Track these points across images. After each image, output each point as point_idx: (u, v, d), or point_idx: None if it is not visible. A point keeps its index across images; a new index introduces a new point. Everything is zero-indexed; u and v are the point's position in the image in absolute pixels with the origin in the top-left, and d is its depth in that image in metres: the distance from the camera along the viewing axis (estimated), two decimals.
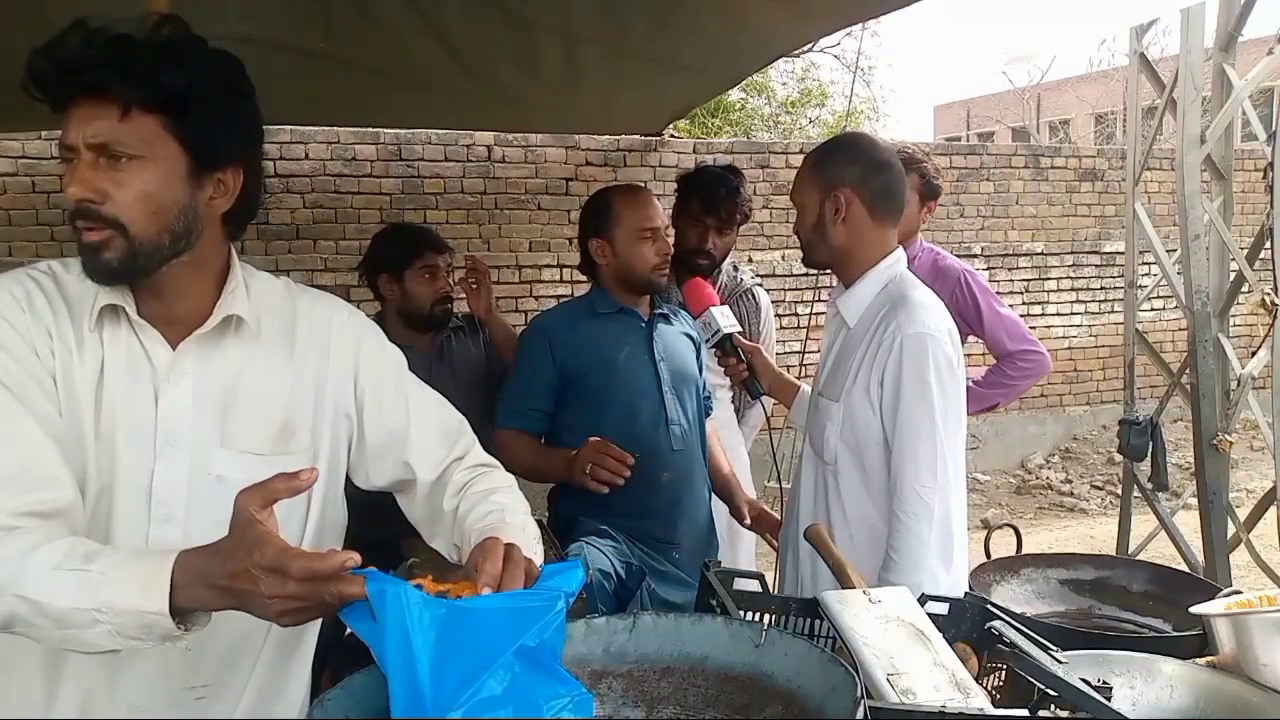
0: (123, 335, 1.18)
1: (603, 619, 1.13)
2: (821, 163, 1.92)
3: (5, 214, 4.87)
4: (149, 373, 1.18)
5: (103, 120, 1.10)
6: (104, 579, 1.00)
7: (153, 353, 1.19)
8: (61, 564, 1.01)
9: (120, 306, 1.17)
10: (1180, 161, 3.74)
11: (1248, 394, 3.73)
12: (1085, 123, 21.67)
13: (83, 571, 1.00)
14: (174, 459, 1.18)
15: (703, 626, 1.12)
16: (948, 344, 1.80)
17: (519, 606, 0.93)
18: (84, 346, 1.15)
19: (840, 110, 14.45)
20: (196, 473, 1.19)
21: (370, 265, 2.69)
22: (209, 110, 1.14)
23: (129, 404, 1.17)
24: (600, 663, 1.10)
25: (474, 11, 2.97)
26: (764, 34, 3.26)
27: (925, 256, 2.98)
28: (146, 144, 1.12)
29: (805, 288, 6.21)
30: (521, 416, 2.26)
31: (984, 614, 1.40)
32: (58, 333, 1.14)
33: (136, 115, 1.11)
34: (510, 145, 5.65)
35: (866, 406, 1.82)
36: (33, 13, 2.56)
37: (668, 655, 1.10)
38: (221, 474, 1.19)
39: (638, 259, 2.23)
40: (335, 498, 1.33)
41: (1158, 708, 1.34)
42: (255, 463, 1.20)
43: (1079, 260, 7.32)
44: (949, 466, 1.77)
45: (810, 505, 1.96)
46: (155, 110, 1.12)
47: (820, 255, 1.94)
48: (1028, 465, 7.18)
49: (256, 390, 1.24)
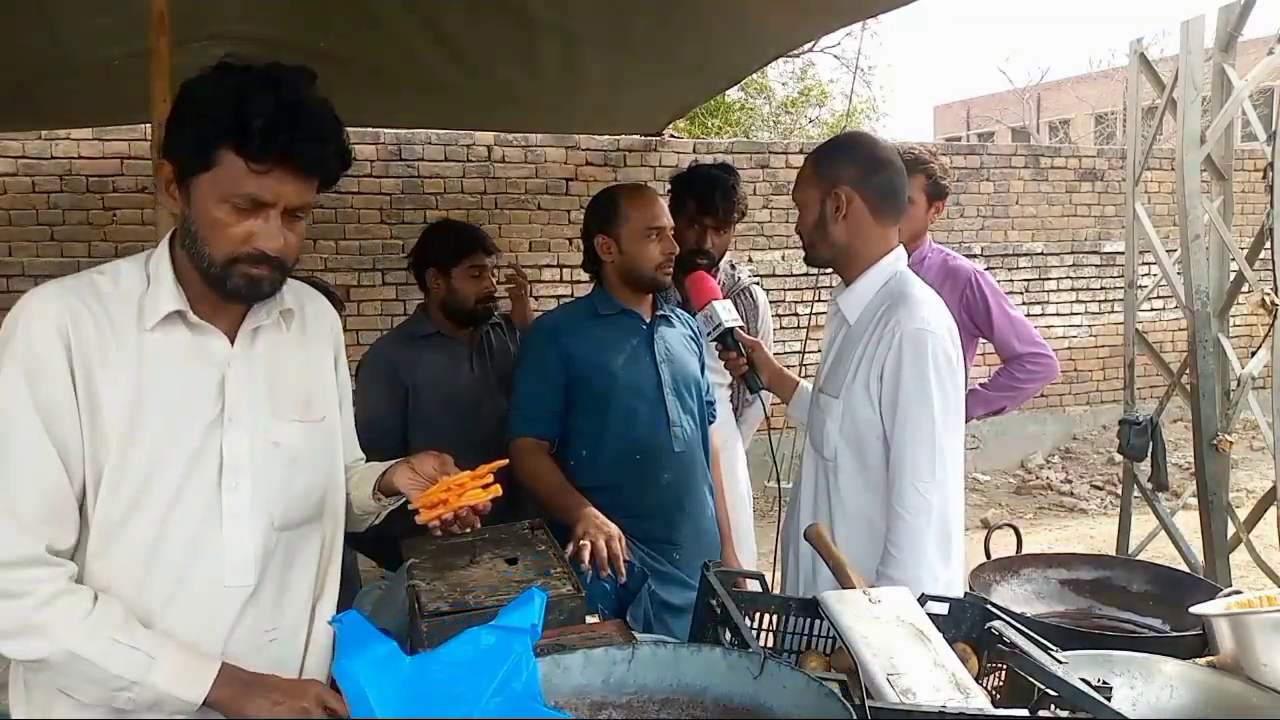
0: (180, 333, 1.33)
1: (601, 650, 1.14)
2: (823, 161, 1.92)
3: (5, 214, 4.87)
4: (210, 362, 1.35)
5: (305, 191, 1.30)
6: (153, 663, 1.24)
7: (213, 344, 1.36)
8: (116, 636, 1.23)
9: (182, 311, 1.32)
10: (1180, 161, 3.74)
11: (1248, 394, 3.73)
12: (1085, 123, 21.68)
13: (134, 650, 1.24)
14: (238, 434, 1.35)
15: (701, 657, 1.12)
16: (947, 340, 1.80)
17: (483, 645, 0.93)
18: (132, 346, 1.29)
19: (840, 110, 14.45)
20: (257, 442, 1.37)
21: (420, 257, 2.77)
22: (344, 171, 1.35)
23: (191, 391, 1.33)
24: (599, 694, 1.11)
25: (474, 11, 2.97)
26: (763, 33, 3.26)
27: (935, 257, 2.95)
28: (313, 202, 1.33)
29: (805, 287, 6.21)
30: (535, 421, 2.25)
31: (984, 614, 1.40)
32: (102, 345, 1.27)
33: (318, 183, 1.32)
34: (510, 145, 5.65)
35: (866, 402, 1.82)
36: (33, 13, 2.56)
37: (667, 686, 1.11)
38: (277, 440, 1.39)
39: (643, 256, 2.23)
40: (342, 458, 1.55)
41: (1158, 708, 1.34)
42: (297, 429, 1.42)
43: (1079, 260, 7.32)
44: (947, 462, 1.77)
45: (811, 502, 1.95)
46: None
47: (822, 253, 1.94)
48: (1028, 465, 7.19)
49: (288, 368, 1.43)
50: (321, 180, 1.32)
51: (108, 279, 1.32)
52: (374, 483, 1.53)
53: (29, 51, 2.96)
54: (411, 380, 2.64)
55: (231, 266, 1.28)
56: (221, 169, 1.24)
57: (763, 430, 3.17)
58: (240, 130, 1.21)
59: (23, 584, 1.20)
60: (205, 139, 1.24)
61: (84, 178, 4.95)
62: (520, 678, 0.92)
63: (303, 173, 1.27)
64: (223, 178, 1.24)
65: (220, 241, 1.27)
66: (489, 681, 0.91)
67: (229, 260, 1.28)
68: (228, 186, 1.24)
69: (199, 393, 1.33)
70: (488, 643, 0.93)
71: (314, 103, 1.27)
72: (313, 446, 1.45)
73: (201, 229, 1.27)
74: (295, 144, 1.24)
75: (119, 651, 1.22)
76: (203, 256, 1.28)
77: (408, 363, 2.66)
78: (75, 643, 1.21)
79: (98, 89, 3.42)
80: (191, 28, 2.76)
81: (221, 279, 1.29)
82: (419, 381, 2.65)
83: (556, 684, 1.09)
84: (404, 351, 2.70)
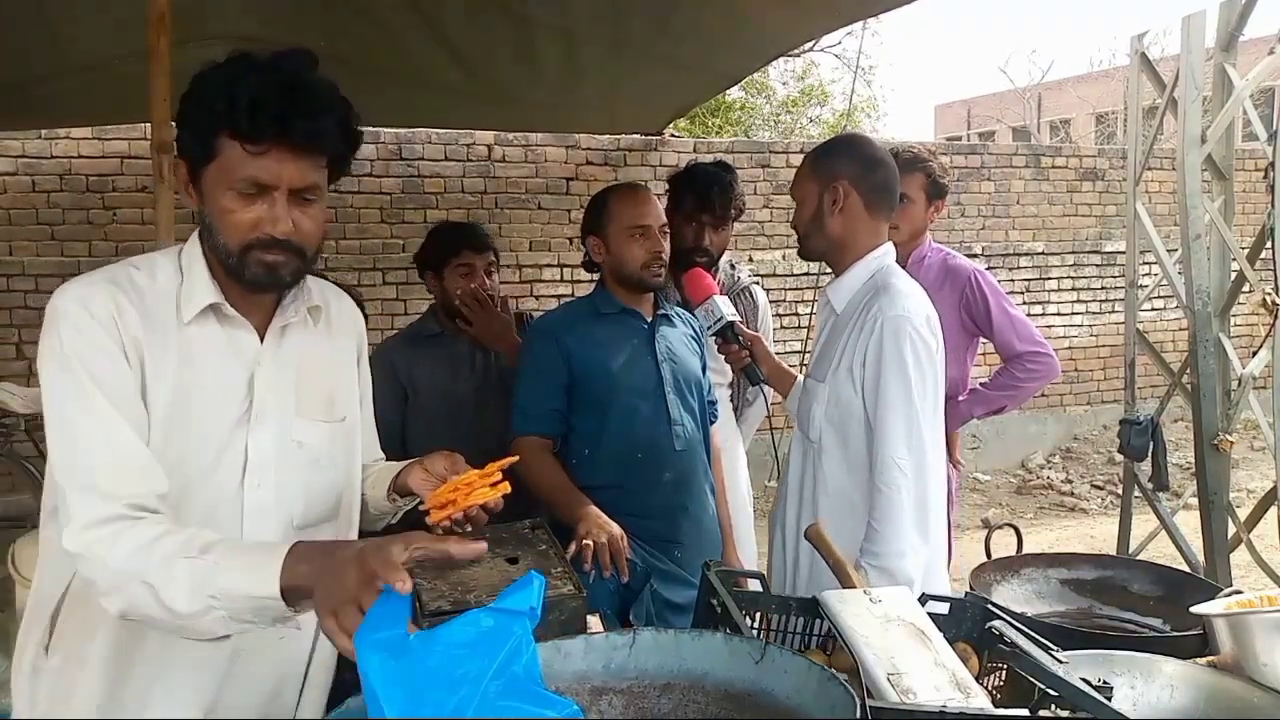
0: (213, 326, 1.34)
1: (601, 635, 1.14)
2: (821, 157, 2.03)
3: (5, 214, 4.87)
4: (241, 358, 1.36)
5: (309, 169, 1.28)
6: (217, 567, 1.13)
7: (243, 340, 1.36)
8: (179, 553, 1.15)
9: (218, 304, 1.33)
10: (1181, 161, 3.74)
11: (1248, 394, 3.73)
12: (1086, 122, 21.66)
13: (199, 560, 1.14)
14: (263, 432, 1.35)
15: (702, 643, 1.12)
16: (925, 329, 1.90)
17: (483, 627, 0.93)
18: (171, 342, 1.30)
19: (840, 109, 14.46)
20: (282, 440, 1.37)
21: (420, 260, 2.78)
22: (351, 149, 1.35)
23: (222, 387, 1.33)
24: (600, 679, 1.11)
25: (474, 11, 2.97)
26: (764, 33, 3.26)
27: (935, 256, 2.94)
28: (323, 185, 1.32)
29: (805, 287, 6.21)
30: (539, 420, 2.24)
31: (984, 614, 1.40)
32: (146, 340, 1.28)
33: (321, 163, 1.30)
34: (510, 145, 5.65)
35: (849, 386, 1.93)
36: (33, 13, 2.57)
37: (668, 671, 1.11)
38: (301, 440, 1.39)
39: (628, 256, 2.24)
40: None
41: (1158, 708, 1.34)
42: (321, 429, 1.42)
43: (1080, 260, 7.31)
44: (925, 442, 1.87)
45: (798, 483, 2.05)
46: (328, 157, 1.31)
47: (816, 244, 2.03)
48: (1028, 465, 7.18)
49: (313, 367, 1.44)
50: (331, 161, 1.31)
51: (144, 274, 1.33)
52: (389, 483, 1.52)
53: (29, 51, 2.96)
54: (410, 381, 2.63)
55: (247, 255, 1.29)
56: (223, 157, 1.25)
57: (763, 430, 3.17)
58: (232, 113, 1.22)
59: (104, 543, 1.18)
60: (205, 129, 1.25)
61: (84, 177, 4.95)
62: (520, 660, 0.92)
63: (300, 149, 1.26)
64: (225, 165, 1.25)
65: (232, 230, 1.28)
66: (489, 663, 0.90)
67: (243, 249, 1.28)
68: (230, 173, 1.25)
69: (230, 389, 1.34)
70: (487, 625, 0.93)
71: (308, 79, 1.26)
72: (334, 447, 1.45)
73: (215, 221, 1.29)
74: (288, 120, 1.23)
75: (185, 568, 1.13)
76: (220, 248, 1.30)
77: (407, 363, 2.66)
78: (150, 573, 1.13)
79: (98, 89, 3.42)
80: (191, 28, 2.76)
81: (239, 269, 1.30)
82: (418, 383, 2.64)
83: (558, 669, 1.09)
84: (406, 352, 2.70)
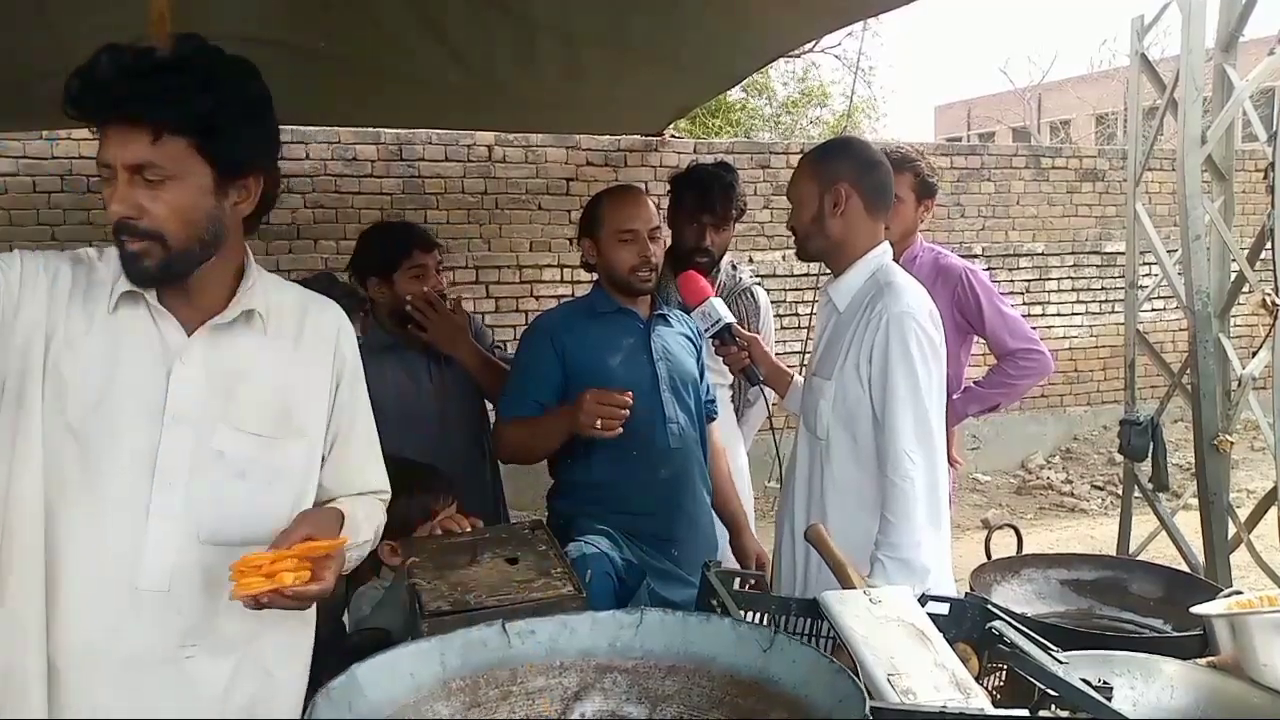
0: (141, 319, 1.30)
1: (609, 613, 1.13)
2: (821, 160, 2.06)
3: (6, 214, 4.87)
4: (163, 354, 1.31)
5: (137, 144, 1.21)
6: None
7: (168, 336, 1.31)
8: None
9: (140, 294, 1.29)
10: (1181, 162, 3.74)
11: (1248, 394, 3.72)
12: (1086, 123, 21.66)
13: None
14: (180, 432, 1.30)
15: (710, 626, 1.11)
16: (929, 323, 1.94)
17: None
18: (95, 328, 1.28)
19: (840, 110, 14.47)
20: (200, 446, 1.31)
21: (358, 267, 2.58)
22: (233, 128, 1.25)
23: (140, 381, 1.29)
24: (605, 656, 1.10)
25: (474, 11, 2.97)
26: (764, 33, 3.26)
27: (926, 256, 2.95)
28: (177, 164, 1.23)
29: (806, 288, 6.21)
30: (522, 406, 2.24)
31: (984, 614, 1.40)
32: (69, 309, 1.27)
33: (167, 139, 1.22)
34: (510, 145, 5.65)
35: (856, 382, 1.96)
36: (33, 13, 2.56)
37: (674, 653, 1.10)
38: (222, 449, 1.32)
39: (617, 260, 2.25)
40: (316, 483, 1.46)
41: (1158, 708, 1.34)
42: (255, 442, 1.34)
43: (1080, 261, 7.31)
44: (933, 431, 1.90)
45: (805, 480, 2.07)
46: (185, 133, 1.22)
47: (816, 245, 2.06)
48: (1028, 465, 7.18)
49: (262, 378, 1.37)
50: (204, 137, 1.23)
51: (102, 260, 1.32)
52: None
53: (29, 51, 2.96)
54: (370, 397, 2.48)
55: (118, 243, 1.26)
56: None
57: (764, 430, 3.17)
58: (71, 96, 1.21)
59: None
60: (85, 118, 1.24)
61: (84, 178, 4.95)
62: None
63: (132, 125, 1.20)
64: None
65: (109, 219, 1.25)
66: None
67: (115, 236, 1.25)
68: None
69: (145, 383, 1.29)
70: None
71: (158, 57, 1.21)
72: (274, 463, 1.35)
73: None
74: (108, 92, 1.19)
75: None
76: None
77: (367, 379, 2.49)
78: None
79: None
80: (191, 28, 2.75)
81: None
82: (380, 399, 2.41)
83: (563, 644, 1.09)
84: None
